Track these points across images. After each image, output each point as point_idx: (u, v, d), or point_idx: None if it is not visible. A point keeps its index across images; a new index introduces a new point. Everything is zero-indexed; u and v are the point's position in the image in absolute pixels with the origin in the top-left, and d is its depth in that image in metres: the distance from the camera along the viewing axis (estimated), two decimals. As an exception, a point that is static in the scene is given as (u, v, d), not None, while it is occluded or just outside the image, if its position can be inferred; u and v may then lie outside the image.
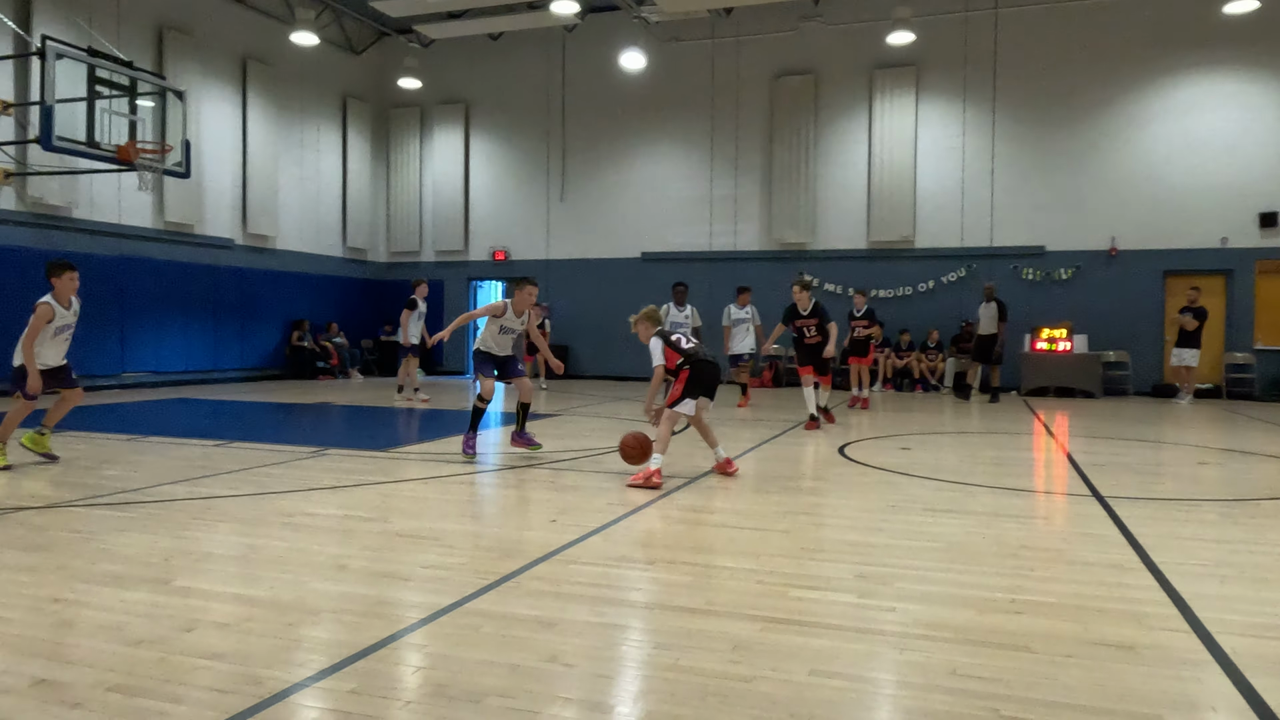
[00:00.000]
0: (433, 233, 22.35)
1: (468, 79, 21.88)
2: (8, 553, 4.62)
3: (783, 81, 19.26)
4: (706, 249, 19.91)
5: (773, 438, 9.80)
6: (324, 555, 4.63)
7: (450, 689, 2.91)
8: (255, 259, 19.00)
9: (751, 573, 4.34)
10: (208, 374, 17.74)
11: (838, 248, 19.06)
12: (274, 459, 7.86)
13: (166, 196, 16.70)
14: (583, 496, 6.30)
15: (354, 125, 21.78)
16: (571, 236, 21.07)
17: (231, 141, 18.35)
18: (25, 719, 2.66)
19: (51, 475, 6.96)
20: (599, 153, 20.80)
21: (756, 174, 19.62)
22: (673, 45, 19.87)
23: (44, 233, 14.73)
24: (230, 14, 18.30)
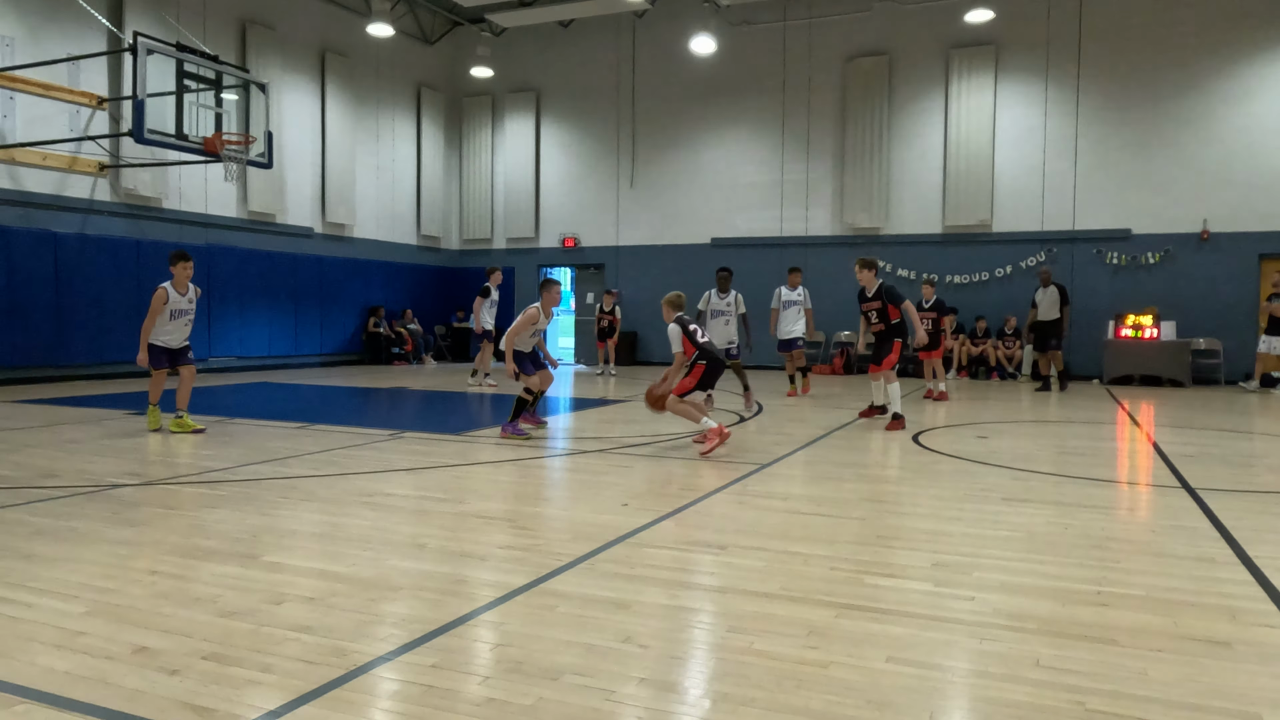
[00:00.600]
0: (504, 220, 22.60)
1: (538, 67, 22.02)
2: (109, 527, 4.85)
3: (856, 63, 18.92)
4: (777, 234, 19.72)
5: (845, 425, 9.68)
6: (402, 534, 4.75)
7: (527, 666, 2.96)
8: (333, 247, 19.48)
9: (825, 559, 4.30)
10: (289, 359, 18.29)
11: (912, 232, 18.68)
12: (353, 441, 8.08)
13: (250, 187, 17.22)
14: (654, 481, 6.33)
15: (427, 115, 22.13)
16: (641, 222, 21.09)
17: (311, 132, 18.83)
18: (127, 684, 2.79)
19: (147, 454, 7.27)
20: (668, 138, 20.74)
21: (828, 158, 19.33)
22: (743, 28, 19.67)
23: (136, 223, 15.34)
24: (310, 7, 18.74)
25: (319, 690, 2.76)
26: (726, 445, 7.71)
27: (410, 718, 2.59)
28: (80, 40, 14.20)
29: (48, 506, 5.30)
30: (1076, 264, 17.41)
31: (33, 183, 13.79)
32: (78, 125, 14.32)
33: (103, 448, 7.56)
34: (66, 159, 14.16)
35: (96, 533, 4.71)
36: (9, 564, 4.08)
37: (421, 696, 2.73)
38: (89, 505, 5.37)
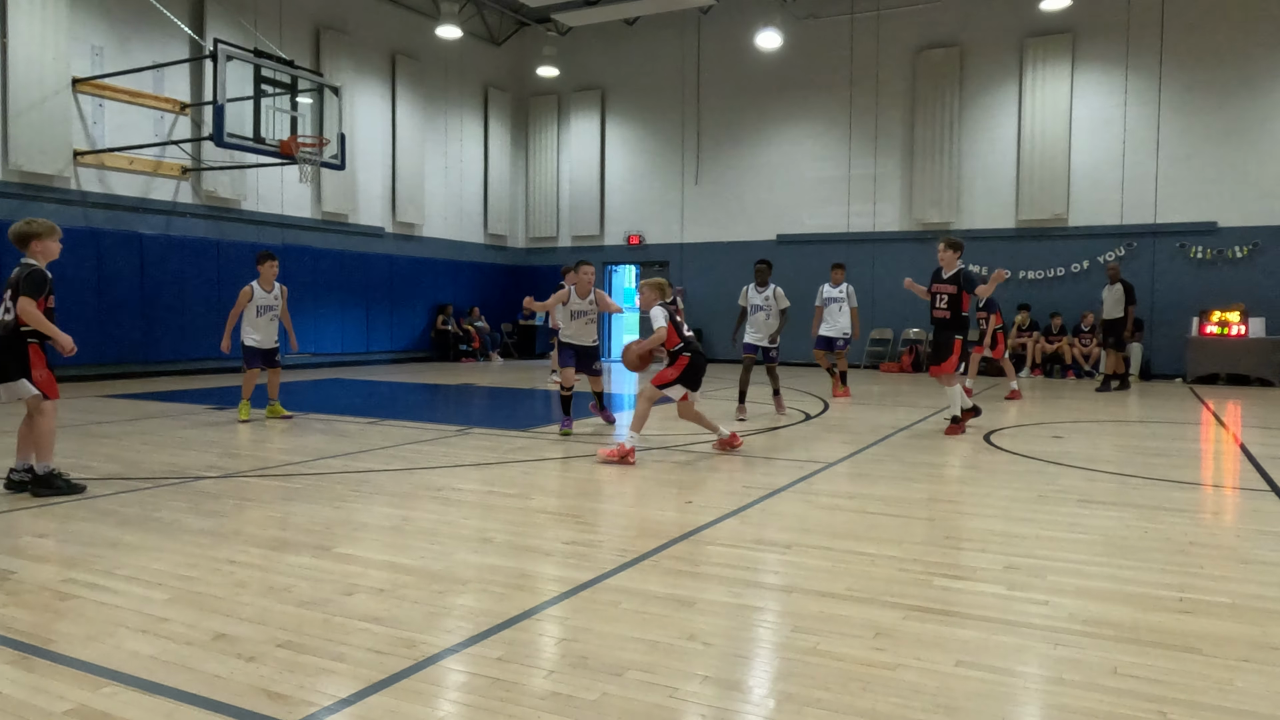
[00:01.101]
0: (569, 218, 22.76)
1: (604, 65, 22.11)
2: (191, 517, 5.02)
3: (925, 55, 18.55)
4: (844, 230, 19.45)
5: (913, 423, 9.51)
6: (470, 528, 4.82)
7: (592, 661, 2.98)
8: (403, 246, 19.87)
9: (893, 560, 4.23)
10: (360, 356, 18.71)
11: (984, 227, 18.24)
12: (422, 436, 8.23)
13: (323, 188, 17.66)
14: (718, 479, 6.31)
15: (495, 115, 22.41)
16: (706, 219, 21.02)
17: (381, 134, 19.22)
18: (207, 668, 2.89)
19: (227, 448, 7.51)
20: (734, 134, 20.63)
21: (897, 152, 19.00)
22: (810, 22, 19.46)
23: (216, 224, 15.86)
24: (381, 11, 19.13)
25: (389, 680, 2.82)
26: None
27: (477, 709, 2.63)
28: (164, 48, 14.73)
29: (135, 497, 5.52)
30: (1158, 258, 16.79)
31: (121, 186, 14.37)
32: (162, 130, 14.86)
33: (186, 441, 7.83)
34: (151, 163, 14.72)
35: (179, 523, 4.89)
36: (99, 551, 4.26)
37: (488, 689, 2.77)
38: (173, 497, 5.58)
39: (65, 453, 7.08)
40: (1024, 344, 16.99)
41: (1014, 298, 17.67)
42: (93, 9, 13.88)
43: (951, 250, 9.07)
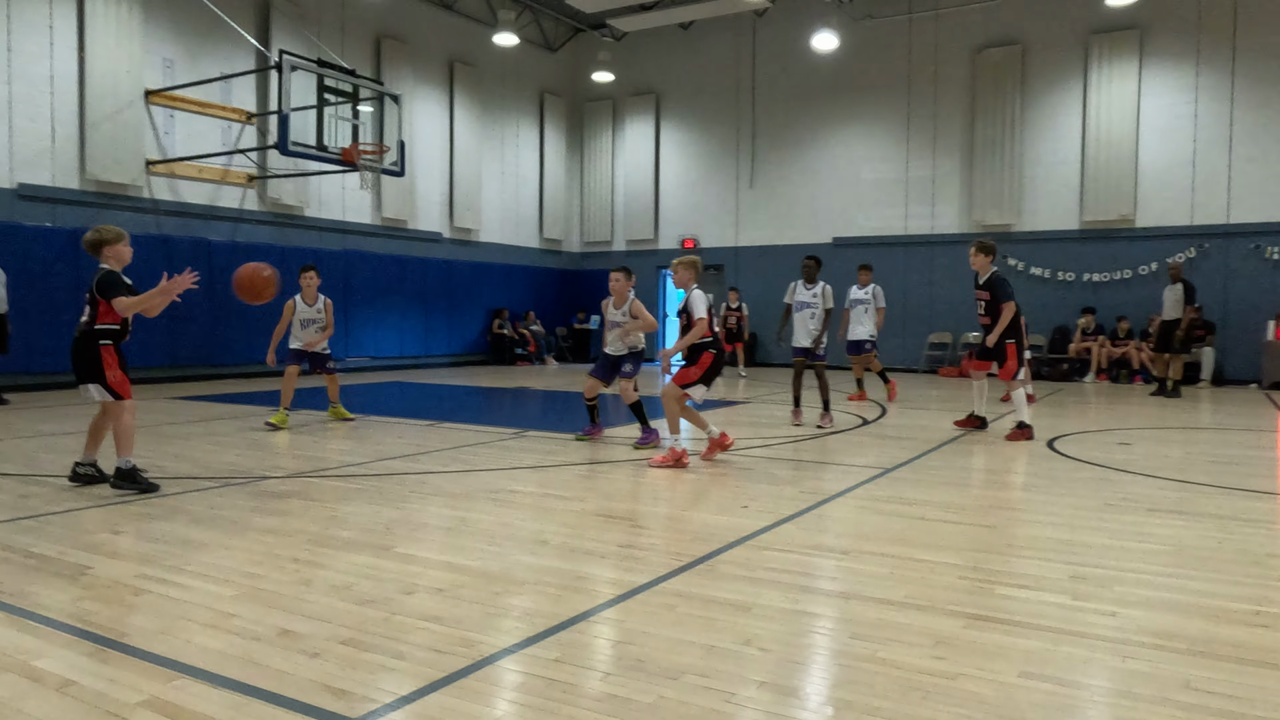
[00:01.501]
0: (624, 222, 22.84)
1: (658, 69, 22.15)
2: (256, 516, 5.16)
3: (986, 54, 18.21)
4: (901, 232, 19.19)
5: (973, 429, 9.32)
6: (526, 530, 4.86)
7: (648, 664, 2.98)
8: (460, 251, 20.14)
9: (953, 567, 4.16)
10: (418, 359, 19.00)
11: (1046, 229, 17.84)
12: (479, 439, 8.32)
13: (383, 194, 17.99)
14: (774, 484, 6.26)
15: (550, 120, 22.60)
16: (761, 222, 20.92)
17: (440, 141, 19.51)
18: (273, 663, 2.96)
19: (289, 448, 7.69)
20: (789, 137, 20.50)
21: (956, 153, 18.68)
22: (866, 23, 19.25)
23: (281, 230, 16.26)
24: (439, 20, 19.43)
25: (448, 679, 2.85)
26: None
27: (534, 710, 2.65)
28: (231, 60, 15.16)
29: (203, 496, 5.68)
30: (1231, 260, 16.24)
31: (190, 194, 14.82)
32: (229, 140, 15.29)
33: (251, 442, 8.04)
34: (219, 171, 15.15)
35: (245, 521, 5.02)
36: (168, 548, 4.40)
37: (545, 689, 2.79)
38: (239, 496, 5.73)
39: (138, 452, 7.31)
40: (1089, 348, 16.56)
41: (1078, 300, 17.26)
42: (164, 23, 14.35)
43: (983, 254, 8.86)
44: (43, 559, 4.20)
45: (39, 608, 3.50)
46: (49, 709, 2.62)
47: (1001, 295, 8.60)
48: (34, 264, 12.43)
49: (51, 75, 12.94)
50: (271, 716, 2.58)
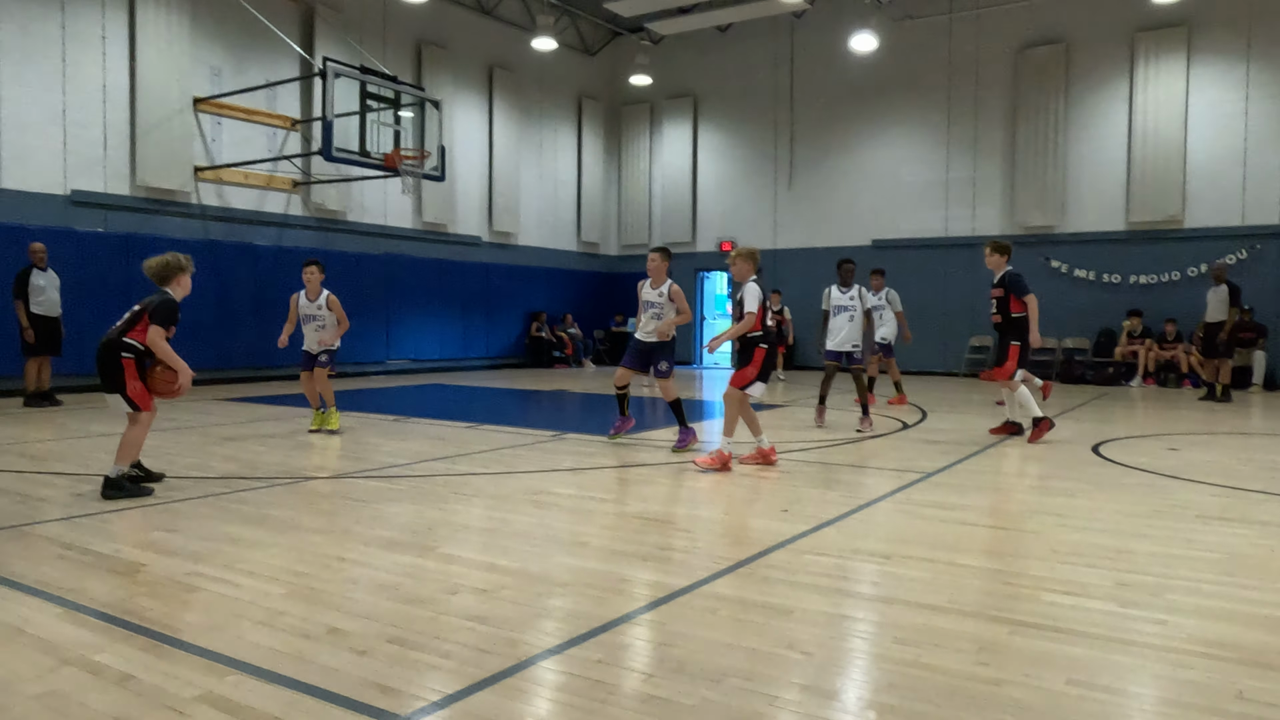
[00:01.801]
0: (661, 225, 22.86)
1: (696, 72, 22.15)
2: (303, 515, 5.25)
3: (1028, 54, 17.97)
4: (942, 235, 18.99)
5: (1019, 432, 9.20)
6: (566, 532, 4.90)
7: (690, 667, 2.99)
8: (499, 254, 20.30)
9: (997, 573, 4.12)
10: (458, 361, 19.19)
11: (1091, 230, 17.54)
12: (518, 441, 8.39)
13: (424, 199, 18.20)
14: (814, 487, 6.24)
15: (588, 124, 22.70)
16: (799, 225, 20.82)
17: (479, 145, 19.70)
18: (322, 660, 3.02)
19: (335, 449, 7.82)
20: (828, 139, 20.38)
21: (998, 154, 18.44)
22: (906, 23, 19.09)
23: (324, 235, 16.52)
24: (479, 26, 19.62)
25: (493, 678, 2.89)
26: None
27: (578, 710, 2.68)
28: (277, 67, 15.44)
29: (252, 495, 5.80)
30: (1284, 261, 15.85)
31: (236, 200, 15.12)
32: (274, 146, 15.58)
33: (298, 443, 8.18)
34: (265, 177, 15.43)
35: (293, 521, 5.12)
36: (220, 547, 4.50)
37: (588, 690, 2.81)
38: (286, 495, 5.84)
39: (188, 452, 7.49)
40: (1135, 351, 16.26)
41: (1124, 303, 16.95)
42: (211, 32, 14.66)
43: (998, 254, 9.00)
44: (99, 556, 4.32)
45: (96, 604, 3.60)
46: (109, 702, 2.70)
47: (1019, 290, 8.63)
48: (86, 268, 12.76)
49: (104, 84, 13.29)
50: (323, 712, 2.64)
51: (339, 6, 16.45)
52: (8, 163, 12.29)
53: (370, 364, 17.20)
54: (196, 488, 6.02)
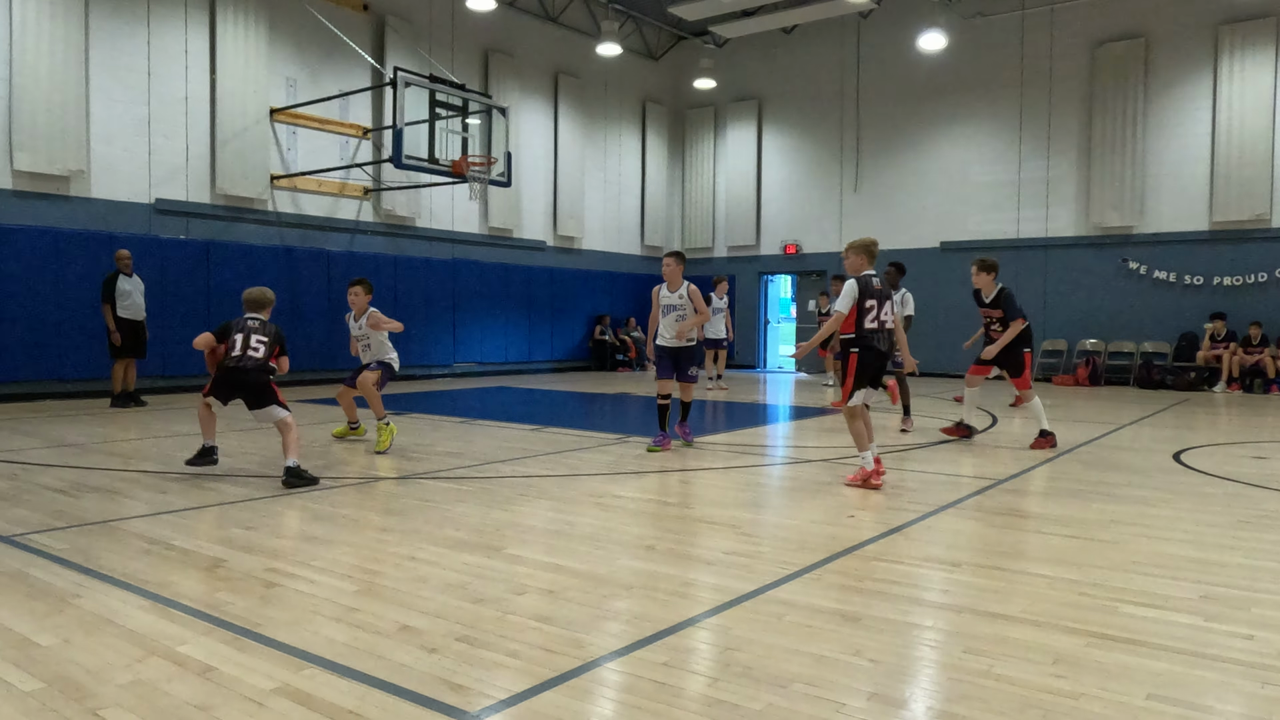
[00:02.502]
0: (725, 228, 22.81)
1: (761, 75, 22.06)
2: (374, 515, 5.37)
3: (1105, 49, 17.45)
4: (1013, 236, 18.54)
5: (1092, 439, 8.95)
6: (631, 535, 4.92)
7: (756, 672, 2.98)
8: (563, 259, 20.48)
9: (1073, 583, 4.01)
10: (523, 365, 19.41)
11: (1171, 230, 16.95)
12: (583, 444, 8.45)
13: (490, 204, 18.47)
14: (880, 494, 6.15)
15: (652, 128, 22.77)
16: (865, 227, 20.50)
17: (544, 151, 19.91)
18: (394, 657, 3.09)
19: (402, 451, 7.98)
20: (895, 140, 20.09)
21: (1072, 153, 17.95)
22: (977, 21, 18.71)
23: (394, 240, 16.88)
24: (545, 33, 19.85)
25: (559, 678, 2.92)
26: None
27: (644, 712, 2.69)
28: (349, 77, 15.85)
29: (326, 495, 5.95)
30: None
31: (310, 207, 15.54)
32: (346, 154, 15.98)
33: (367, 445, 8.36)
34: (337, 185, 15.84)
35: (365, 520, 5.24)
36: (296, 544, 4.63)
37: (654, 693, 2.82)
38: (358, 495, 5.98)
39: (264, 452, 7.72)
40: (1219, 355, 15.66)
41: (1207, 305, 16.35)
42: (287, 44, 15.11)
43: (985, 272, 8.54)
44: (182, 551, 4.48)
45: (180, 597, 3.74)
46: (193, 692, 2.80)
47: (1012, 312, 8.26)
48: (169, 273, 13.26)
49: (186, 96, 13.79)
50: (394, 708, 2.70)
51: (409, 17, 16.81)
52: (97, 173, 12.83)
53: (437, 367, 17.50)
54: (273, 486, 6.21)
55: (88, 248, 12.45)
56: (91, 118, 12.72)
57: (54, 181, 12.40)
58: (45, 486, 6.15)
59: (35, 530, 4.90)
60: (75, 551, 4.45)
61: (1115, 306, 17.37)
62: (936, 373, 19.02)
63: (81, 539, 4.71)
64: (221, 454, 6.87)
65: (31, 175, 12.16)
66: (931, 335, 19.15)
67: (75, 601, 3.68)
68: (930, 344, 19.18)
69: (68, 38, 12.31)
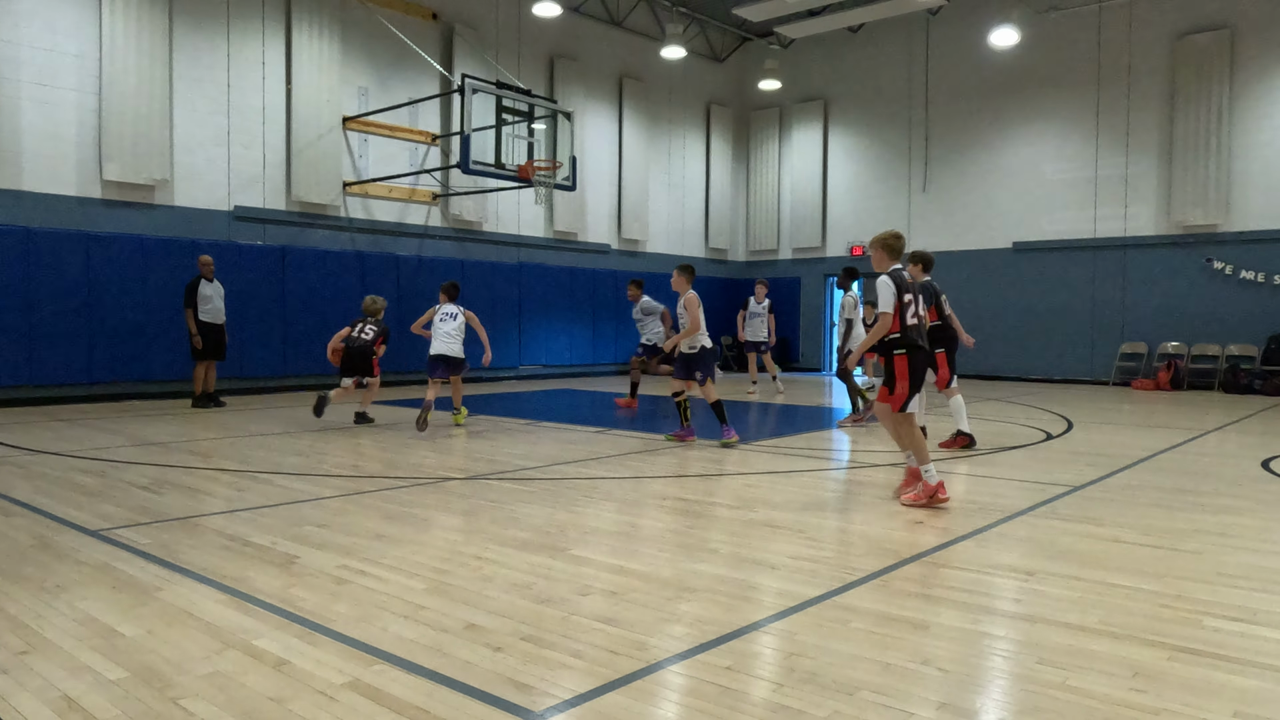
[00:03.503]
0: (790, 230, 22.61)
1: (826, 75, 21.82)
2: (442, 515, 5.46)
3: (1188, 41, 16.82)
4: (1090, 236, 17.99)
5: (1174, 446, 8.62)
6: (695, 537, 4.90)
7: (821, 678, 2.94)
8: (627, 262, 20.54)
9: (1154, 595, 3.87)
10: (587, 367, 19.52)
11: (1260, 228, 16.23)
12: (646, 446, 8.46)
13: (555, 208, 18.63)
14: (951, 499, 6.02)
15: (716, 130, 22.71)
16: (934, 228, 20.16)
17: (608, 154, 20.01)
18: (460, 655, 3.13)
19: (469, 452, 8.09)
20: (965, 139, 19.67)
21: (1152, 149, 17.34)
22: (1051, 15, 18.21)
23: (461, 245, 17.15)
24: (609, 37, 19.95)
25: (623, 680, 2.93)
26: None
27: (707, 716, 2.67)
28: (418, 85, 16.16)
29: (395, 494, 6.07)
30: None
31: (381, 213, 15.88)
32: (415, 160, 16.29)
33: (436, 445, 8.51)
34: (407, 191, 16.16)
35: (433, 520, 5.33)
36: (367, 542, 4.73)
37: (717, 696, 2.81)
38: (426, 495, 6.08)
39: (336, 452, 7.91)
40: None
41: (1298, 307, 15.62)
42: (360, 54, 15.47)
43: (914, 265, 8.21)
44: (259, 548, 4.61)
45: (256, 592, 3.85)
46: (268, 684, 2.88)
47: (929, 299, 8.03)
48: (247, 278, 13.68)
49: (263, 106, 14.22)
50: (461, 705, 2.73)
51: (477, 25, 17.06)
52: (179, 182, 13.31)
53: (503, 369, 17.71)
54: (345, 485, 6.35)
55: (171, 253, 12.93)
56: (175, 129, 13.21)
57: (140, 190, 12.90)
58: (130, 483, 6.40)
59: (121, 525, 5.10)
60: (158, 546, 4.62)
61: (1198, 308, 16.72)
62: (1012, 377, 18.56)
63: (164, 534, 4.89)
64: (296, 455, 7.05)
65: (119, 185, 12.68)
66: (1006, 338, 18.71)
67: (157, 594, 3.82)
68: (1005, 348, 18.74)
69: (153, 52, 12.81)
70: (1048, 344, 18.26)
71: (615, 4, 19.91)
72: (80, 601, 3.71)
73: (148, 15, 12.73)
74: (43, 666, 3.02)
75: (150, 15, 12.76)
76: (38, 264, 11.81)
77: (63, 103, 12.19)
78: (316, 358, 14.46)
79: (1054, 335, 18.19)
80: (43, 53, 11.99)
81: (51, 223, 12.06)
